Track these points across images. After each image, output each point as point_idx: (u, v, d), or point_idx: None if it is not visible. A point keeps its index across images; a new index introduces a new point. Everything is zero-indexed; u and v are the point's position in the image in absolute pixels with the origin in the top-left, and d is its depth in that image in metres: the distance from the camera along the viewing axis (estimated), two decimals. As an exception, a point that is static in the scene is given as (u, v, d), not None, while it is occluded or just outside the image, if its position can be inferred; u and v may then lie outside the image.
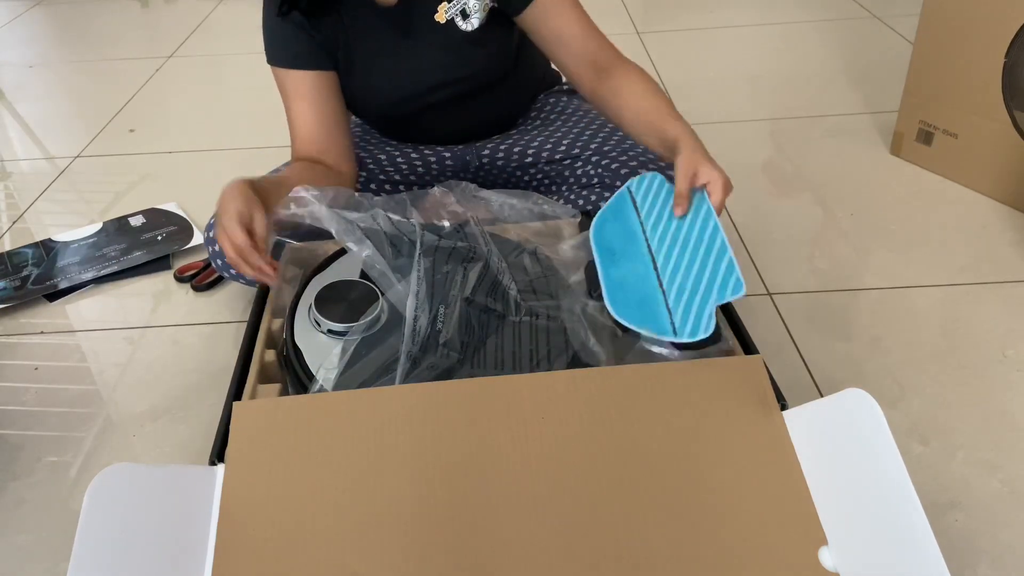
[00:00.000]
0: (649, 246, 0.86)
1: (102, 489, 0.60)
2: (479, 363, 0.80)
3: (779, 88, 1.84)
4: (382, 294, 0.86)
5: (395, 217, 0.90)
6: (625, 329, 0.79)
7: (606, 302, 0.81)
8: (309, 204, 0.88)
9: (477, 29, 1.05)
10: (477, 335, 0.83)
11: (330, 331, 0.83)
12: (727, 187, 0.85)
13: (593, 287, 0.85)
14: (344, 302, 0.85)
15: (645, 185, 0.94)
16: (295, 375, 0.81)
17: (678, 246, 0.84)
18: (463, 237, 0.92)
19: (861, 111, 1.70)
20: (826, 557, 0.62)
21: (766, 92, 1.82)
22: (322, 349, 0.82)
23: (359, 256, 0.87)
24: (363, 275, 0.89)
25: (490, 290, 0.88)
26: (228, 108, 1.93)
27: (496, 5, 1.05)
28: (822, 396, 0.77)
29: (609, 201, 0.95)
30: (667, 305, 0.79)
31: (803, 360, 1.06)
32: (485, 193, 0.97)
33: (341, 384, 0.78)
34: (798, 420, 0.68)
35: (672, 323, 0.77)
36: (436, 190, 0.95)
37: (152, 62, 2.20)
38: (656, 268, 0.83)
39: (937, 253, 1.25)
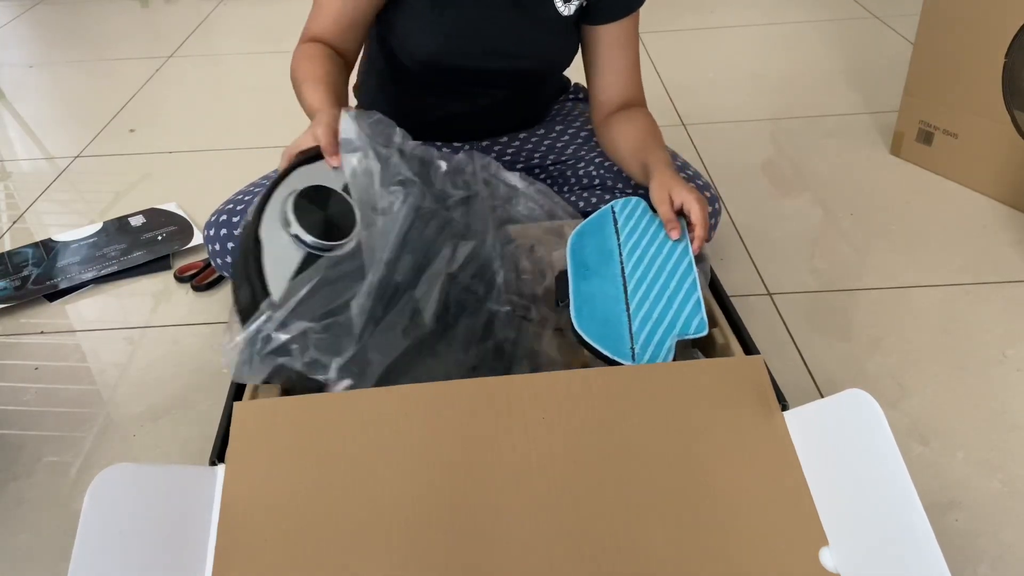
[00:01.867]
0: (623, 269, 0.87)
1: (102, 489, 0.60)
2: (449, 341, 0.79)
3: (779, 88, 1.84)
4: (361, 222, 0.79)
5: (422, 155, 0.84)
6: (583, 343, 0.80)
7: (572, 313, 0.81)
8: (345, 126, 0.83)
9: (565, 19, 1.02)
10: (452, 313, 0.82)
11: (296, 237, 0.75)
12: (703, 204, 0.88)
13: (561, 296, 0.85)
14: (322, 213, 0.77)
15: (629, 209, 0.95)
16: (248, 268, 0.75)
17: (651, 275, 0.86)
18: (465, 212, 0.89)
19: (861, 111, 1.70)
20: (827, 557, 0.62)
21: (766, 92, 1.82)
22: (281, 251, 0.74)
23: (348, 169, 0.79)
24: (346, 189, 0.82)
25: (476, 271, 0.87)
26: (228, 108, 1.93)
27: (586, 4, 1.03)
28: (822, 396, 0.77)
29: (591, 217, 0.96)
30: (630, 330, 0.81)
31: (803, 360, 1.06)
32: (505, 175, 0.95)
33: (288, 293, 0.71)
34: (798, 420, 0.68)
35: (632, 348, 0.79)
36: (461, 156, 0.92)
37: (152, 62, 2.20)
38: (626, 292, 0.85)
39: (937, 253, 1.25)
